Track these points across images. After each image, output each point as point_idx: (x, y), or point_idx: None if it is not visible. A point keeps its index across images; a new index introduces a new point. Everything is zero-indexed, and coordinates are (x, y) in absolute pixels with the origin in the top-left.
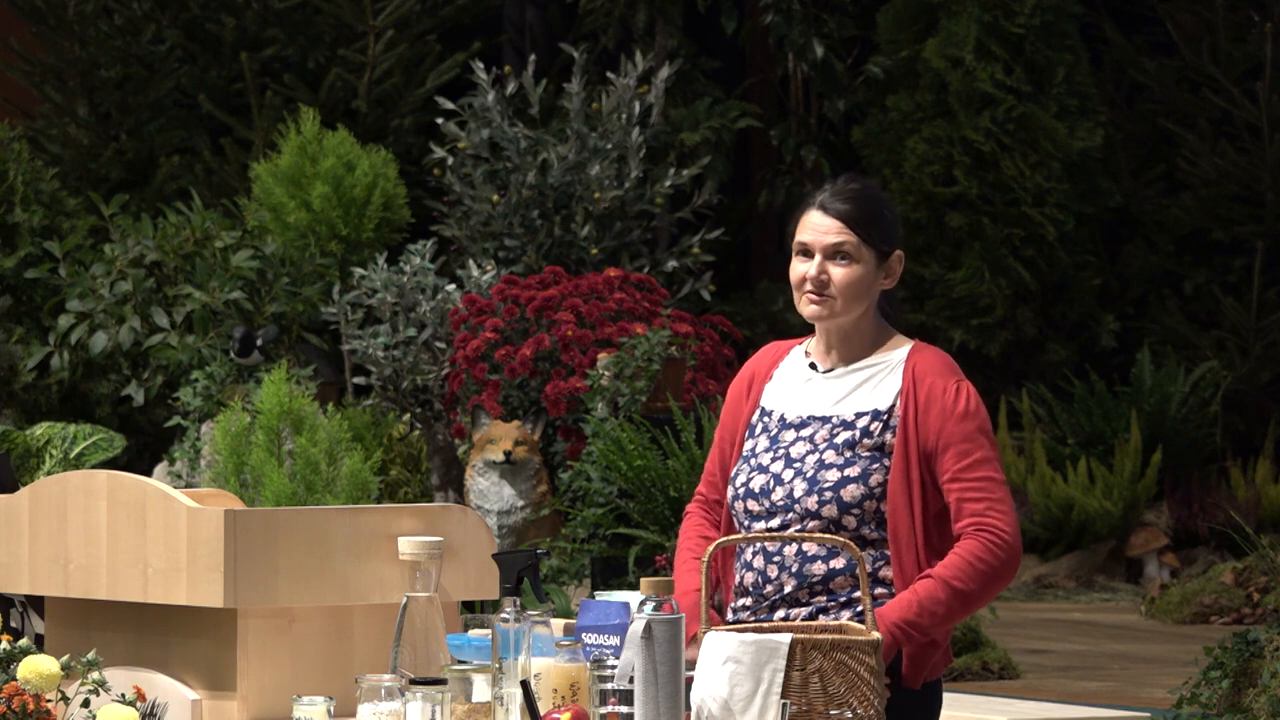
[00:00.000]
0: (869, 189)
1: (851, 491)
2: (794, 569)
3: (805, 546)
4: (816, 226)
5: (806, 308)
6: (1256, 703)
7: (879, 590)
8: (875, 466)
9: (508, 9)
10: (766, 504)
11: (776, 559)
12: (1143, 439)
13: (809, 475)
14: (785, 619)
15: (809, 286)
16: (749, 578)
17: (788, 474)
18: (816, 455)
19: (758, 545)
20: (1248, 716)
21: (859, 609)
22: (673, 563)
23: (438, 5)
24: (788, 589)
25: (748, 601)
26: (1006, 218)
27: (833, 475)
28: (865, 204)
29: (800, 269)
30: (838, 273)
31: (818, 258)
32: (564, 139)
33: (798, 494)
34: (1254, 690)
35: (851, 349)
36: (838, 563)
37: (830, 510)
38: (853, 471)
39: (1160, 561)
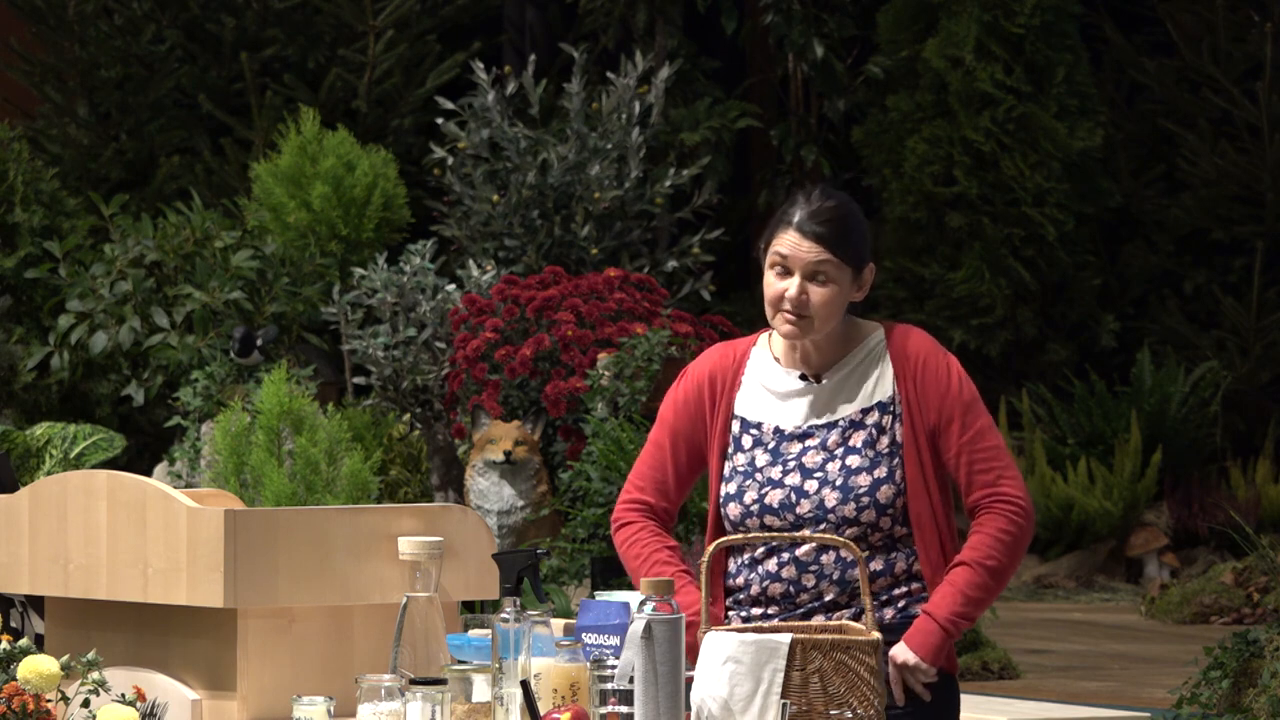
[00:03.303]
0: (843, 205)
1: (886, 493)
2: (835, 576)
3: (843, 552)
4: (796, 246)
5: (783, 327)
6: (1256, 703)
7: (914, 585)
8: (895, 462)
9: (508, 9)
10: (791, 518)
11: (814, 567)
12: (1143, 439)
13: (838, 483)
14: (826, 623)
15: (788, 306)
16: (776, 588)
17: (810, 485)
18: (838, 462)
19: (784, 555)
20: (1248, 716)
21: (901, 605)
22: (631, 573)
23: (438, 5)
24: (828, 596)
25: (771, 610)
26: (1006, 218)
27: (864, 480)
28: (841, 224)
29: (779, 286)
30: (817, 293)
31: (797, 278)
32: (564, 139)
33: (831, 504)
34: (1254, 690)
35: (827, 352)
36: (876, 564)
37: (869, 515)
38: (880, 472)
39: (1160, 561)
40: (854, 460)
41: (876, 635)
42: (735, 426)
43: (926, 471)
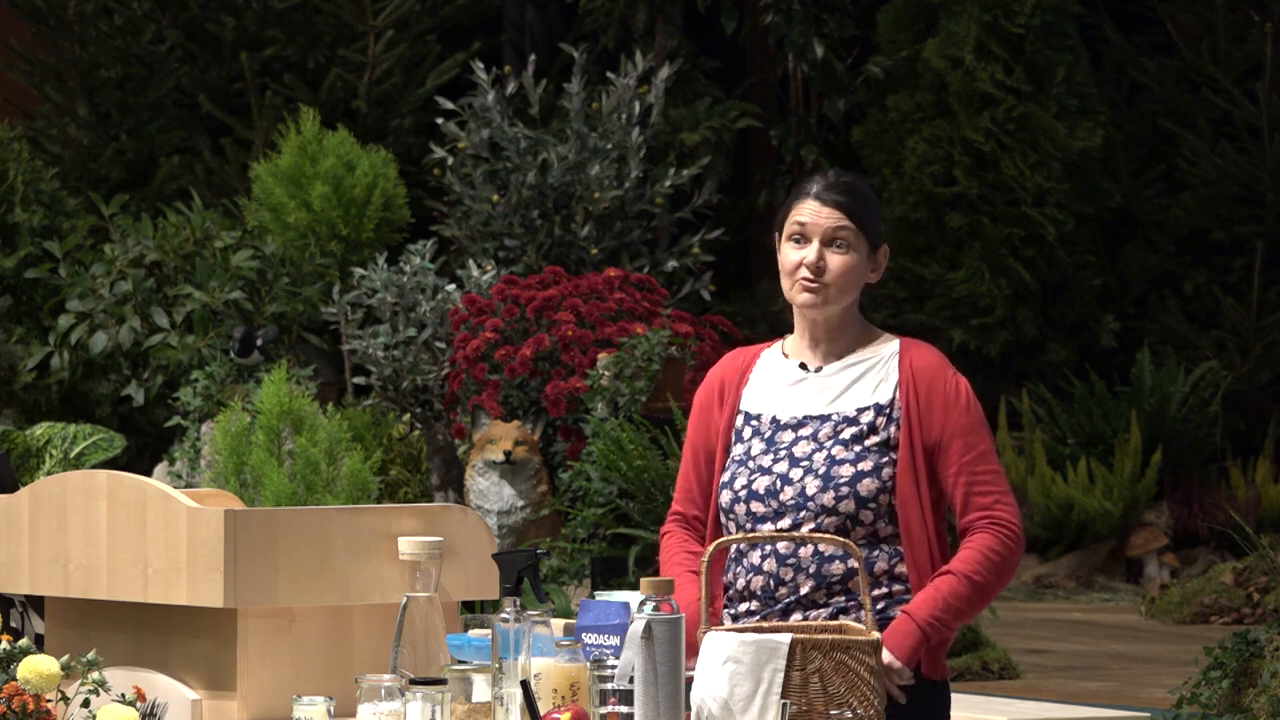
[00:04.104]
0: (859, 182)
1: (867, 485)
2: (811, 570)
3: (821, 547)
4: (815, 213)
5: (800, 295)
6: (1256, 703)
7: (896, 587)
8: (884, 460)
9: (508, 9)
10: (775, 504)
11: (791, 561)
12: (1143, 439)
13: (821, 472)
14: (803, 621)
15: (804, 273)
16: (757, 581)
17: (796, 473)
18: (825, 452)
19: (766, 549)
20: (1248, 716)
21: (879, 607)
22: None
23: (438, 5)
24: (804, 590)
25: (754, 606)
26: (1006, 218)
27: (846, 470)
28: (860, 195)
29: (796, 255)
30: (835, 260)
31: (815, 243)
32: (564, 139)
33: (811, 491)
34: (1254, 690)
35: (838, 344)
36: (855, 562)
37: (848, 505)
38: (865, 466)
39: (1160, 561)
40: (839, 451)
41: (876, 635)
42: (739, 421)
43: (920, 479)
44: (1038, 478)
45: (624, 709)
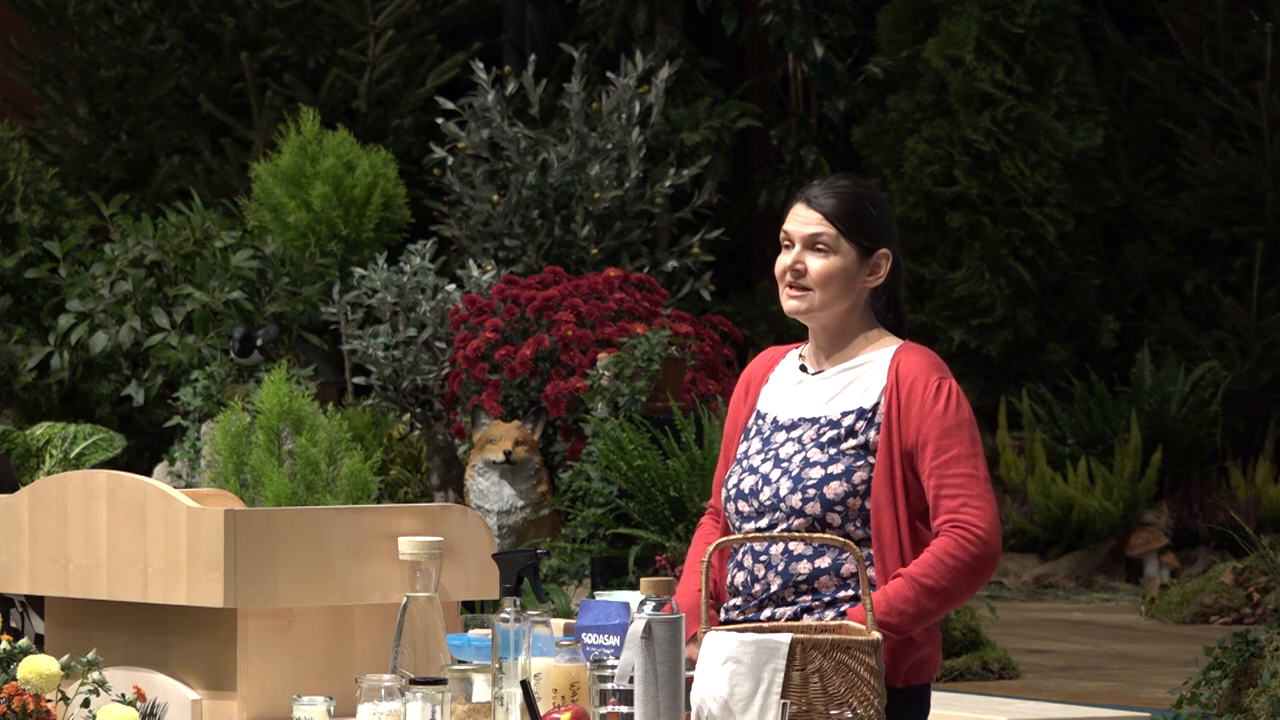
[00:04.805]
0: (859, 186)
1: (834, 488)
2: (780, 567)
3: (792, 545)
4: (798, 217)
5: (786, 302)
6: (1256, 703)
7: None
8: (859, 464)
9: (508, 9)
10: (755, 504)
11: (763, 558)
12: (1143, 439)
13: (794, 474)
14: (771, 618)
15: (787, 277)
16: (739, 577)
17: (775, 473)
18: (802, 454)
19: (749, 545)
20: (1248, 716)
21: (843, 609)
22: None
23: (438, 5)
24: (774, 587)
25: (738, 601)
26: (1006, 218)
27: (816, 473)
28: (849, 199)
29: (782, 261)
30: (814, 263)
31: (797, 247)
32: (564, 139)
33: (783, 492)
34: (1254, 690)
35: (840, 349)
36: (823, 562)
37: (814, 507)
38: (836, 469)
39: (1160, 561)
40: (815, 454)
41: (876, 635)
42: (752, 420)
43: (896, 486)
44: (1038, 478)
45: (624, 709)
